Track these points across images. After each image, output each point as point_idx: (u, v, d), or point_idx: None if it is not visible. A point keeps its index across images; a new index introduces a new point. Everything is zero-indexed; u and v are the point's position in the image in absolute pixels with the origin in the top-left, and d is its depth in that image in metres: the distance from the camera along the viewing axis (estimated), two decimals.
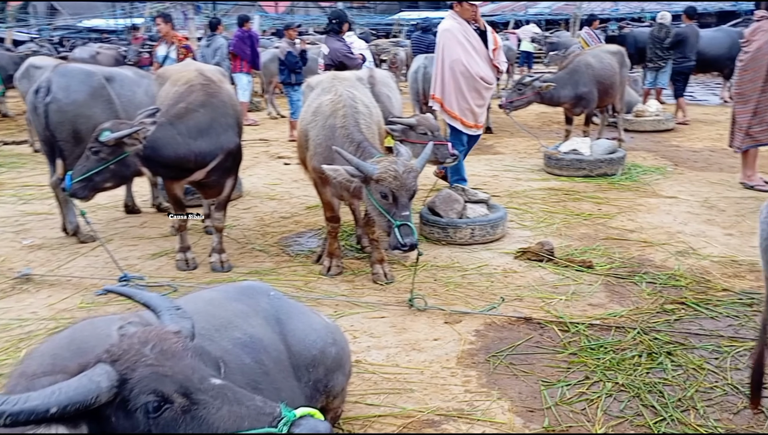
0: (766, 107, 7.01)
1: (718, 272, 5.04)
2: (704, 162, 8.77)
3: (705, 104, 14.26)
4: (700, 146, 9.79)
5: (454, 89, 6.61)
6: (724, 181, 7.66)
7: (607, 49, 9.83)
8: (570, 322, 4.29)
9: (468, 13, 6.61)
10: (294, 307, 2.95)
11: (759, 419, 3.21)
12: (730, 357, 3.79)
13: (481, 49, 6.63)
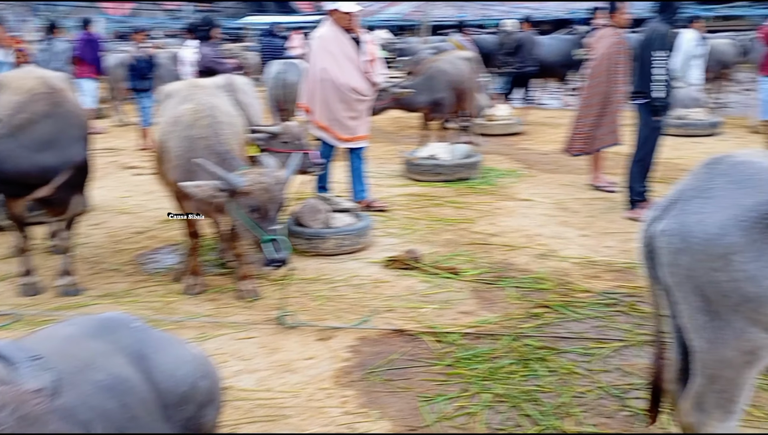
0: (610, 111, 7.43)
1: (577, 273, 5.21)
2: (554, 164, 9.18)
3: (549, 108, 15.05)
4: (548, 149, 10.25)
5: (320, 99, 6.43)
6: (574, 183, 8.03)
7: (460, 55, 10.05)
8: (443, 332, 4.24)
9: (344, 21, 6.44)
10: (160, 339, 2.62)
11: (630, 422, 3.30)
12: (599, 359, 3.88)
13: (354, 59, 6.48)
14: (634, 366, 3.79)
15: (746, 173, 2.28)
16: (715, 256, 2.21)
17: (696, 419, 2.43)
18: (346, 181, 7.05)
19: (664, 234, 2.37)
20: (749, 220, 2.18)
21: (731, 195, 2.25)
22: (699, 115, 11.14)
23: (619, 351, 3.99)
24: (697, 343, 2.37)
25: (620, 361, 3.87)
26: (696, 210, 2.29)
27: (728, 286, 2.21)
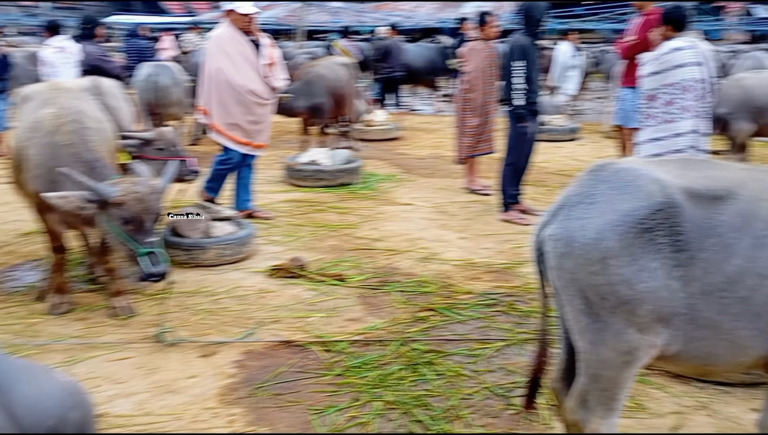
0: (488, 120, 7.68)
1: (459, 275, 5.29)
2: (431, 168, 9.33)
3: (423, 113, 15.33)
4: (424, 154, 10.42)
5: (217, 101, 6.14)
6: (450, 187, 8.18)
7: (337, 60, 10.02)
8: (332, 340, 4.16)
9: (241, 23, 6.17)
10: (21, 369, 2.34)
11: (516, 420, 3.35)
12: (483, 360, 3.94)
13: (253, 61, 6.23)
14: (516, 364, 3.88)
15: (625, 180, 2.36)
16: (594, 260, 2.28)
17: (580, 416, 2.50)
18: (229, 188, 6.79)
19: (551, 238, 2.42)
20: (625, 226, 2.26)
21: (611, 201, 2.32)
22: (560, 122, 11.73)
23: (502, 350, 4.07)
24: (580, 344, 2.44)
25: (503, 360, 3.95)
26: (579, 215, 2.35)
27: (606, 289, 2.28)
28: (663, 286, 2.27)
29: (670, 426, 3.29)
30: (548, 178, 8.72)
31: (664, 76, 5.94)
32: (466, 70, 7.73)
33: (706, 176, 2.43)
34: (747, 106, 7.68)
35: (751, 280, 2.30)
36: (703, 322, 2.34)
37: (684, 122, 5.96)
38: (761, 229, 2.31)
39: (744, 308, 2.32)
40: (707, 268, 2.29)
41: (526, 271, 5.36)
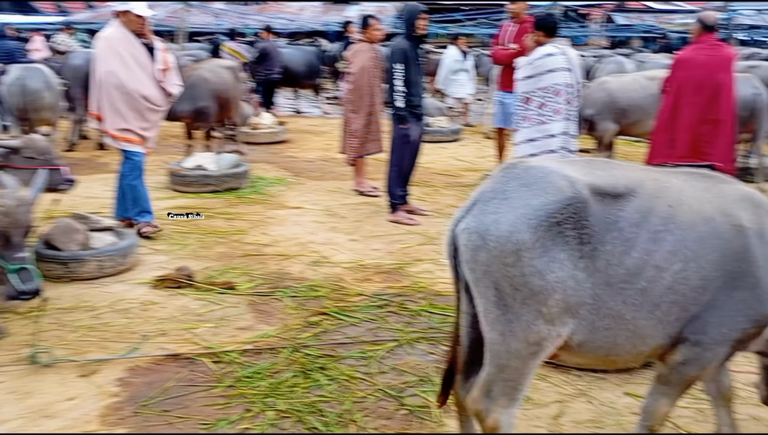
0: (373, 121, 7.71)
1: (350, 278, 5.26)
2: (319, 171, 9.26)
3: (310, 116, 15.22)
4: (313, 156, 10.33)
5: (109, 105, 5.74)
6: (339, 189, 8.15)
7: (221, 63, 9.73)
8: (221, 351, 4.01)
9: (134, 24, 5.78)
10: None
11: (408, 420, 3.36)
12: (376, 361, 3.92)
13: (147, 65, 5.85)
14: (407, 364, 3.89)
15: (536, 176, 2.44)
16: (508, 252, 2.33)
17: (484, 406, 2.51)
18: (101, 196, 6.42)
19: (465, 232, 2.44)
20: (537, 219, 2.33)
21: (523, 196, 2.39)
22: (442, 123, 11.99)
23: (393, 351, 4.07)
24: (490, 335, 2.46)
25: (395, 360, 3.95)
26: (493, 210, 2.40)
27: (519, 281, 2.34)
28: (570, 276, 2.35)
29: (552, 415, 3.40)
30: (433, 178, 8.88)
31: (537, 80, 6.19)
32: (350, 72, 7.73)
33: (609, 175, 2.54)
34: (611, 108, 8.13)
35: (649, 272, 2.43)
36: (607, 312, 2.44)
37: (556, 124, 6.23)
38: (657, 225, 2.46)
39: (643, 299, 2.45)
40: (609, 260, 2.40)
41: (415, 271, 5.42)
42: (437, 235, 6.35)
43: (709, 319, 2.53)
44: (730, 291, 2.53)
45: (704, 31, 6.46)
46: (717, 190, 2.66)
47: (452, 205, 7.51)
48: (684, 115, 6.34)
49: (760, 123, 8.01)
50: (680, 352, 2.58)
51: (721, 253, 2.50)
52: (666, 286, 2.46)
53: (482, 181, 7.72)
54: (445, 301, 4.78)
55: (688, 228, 2.49)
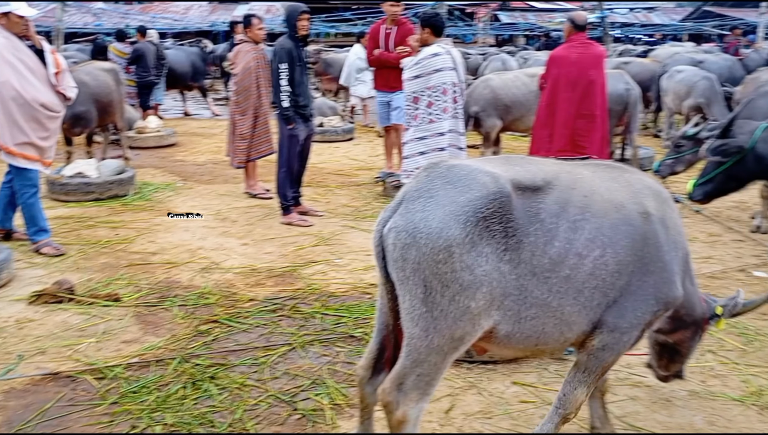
0: (262, 122, 7.61)
1: (241, 283, 5.17)
2: (210, 175, 9.05)
3: (199, 118, 14.83)
4: (203, 159, 10.08)
5: (5, 119, 5.28)
6: (231, 192, 7.99)
7: (100, 65, 9.29)
8: (105, 366, 3.84)
9: (17, 27, 5.31)
10: None
11: (302, 424, 3.34)
12: (268, 367, 3.88)
13: (39, 70, 5.41)
14: (300, 368, 3.87)
15: (460, 175, 2.47)
16: (439, 249, 2.34)
17: (394, 398, 2.50)
18: None
19: (393, 231, 2.44)
20: (465, 215, 2.36)
21: (449, 194, 2.42)
22: (335, 123, 12.00)
23: (286, 355, 4.04)
24: (412, 331, 2.44)
25: (288, 365, 3.92)
26: (420, 208, 2.42)
27: (449, 277, 2.35)
28: (496, 268, 2.40)
29: (444, 409, 3.48)
30: (327, 178, 8.88)
31: (425, 80, 6.32)
32: (234, 73, 7.60)
33: (527, 170, 2.62)
34: (494, 105, 8.42)
35: (571, 259, 2.53)
36: (533, 302, 2.50)
37: (445, 122, 6.39)
38: (575, 214, 2.56)
39: (568, 286, 2.54)
40: (534, 251, 2.47)
41: (309, 273, 5.40)
42: (331, 236, 6.37)
43: (625, 304, 2.67)
44: (642, 276, 2.67)
45: (575, 30, 6.80)
46: (623, 179, 2.81)
47: (346, 205, 7.55)
48: (560, 110, 6.65)
49: (633, 117, 8.53)
50: (599, 338, 2.69)
51: (632, 238, 2.64)
52: (588, 272, 2.56)
53: (375, 181, 7.76)
54: (339, 302, 4.80)
55: (602, 215, 2.60)
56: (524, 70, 10.05)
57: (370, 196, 7.99)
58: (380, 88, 8.40)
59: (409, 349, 2.47)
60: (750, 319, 4.53)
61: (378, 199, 7.84)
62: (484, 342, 2.60)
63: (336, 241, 6.21)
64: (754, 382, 3.72)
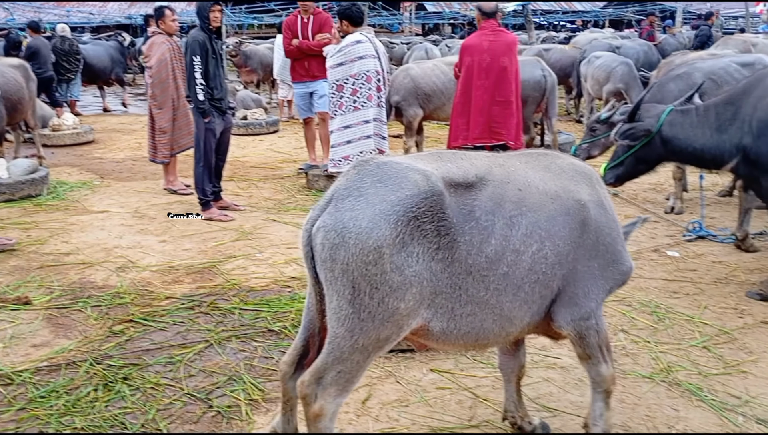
0: (181, 115, 7.44)
1: (159, 281, 5.05)
2: (129, 172, 8.80)
3: (119, 114, 14.39)
4: (122, 156, 9.79)
5: None
6: (150, 189, 7.79)
7: (8, 61, 8.87)
8: (12, 372, 3.69)
9: None
10: None
11: (217, 421, 3.29)
12: (183, 365, 3.80)
13: None
14: (216, 365, 3.81)
15: (390, 172, 2.38)
16: (369, 250, 2.26)
17: (312, 391, 2.45)
18: None
19: (322, 231, 2.35)
20: (395, 214, 2.28)
21: (378, 192, 2.33)
22: (259, 115, 11.84)
23: (203, 352, 3.97)
24: (337, 331, 2.38)
25: (204, 362, 3.86)
26: (350, 207, 2.32)
27: (379, 279, 2.28)
28: (426, 268, 2.33)
29: (361, 399, 3.48)
30: (250, 171, 8.76)
31: (348, 67, 6.31)
32: (149, 66, 7.39)
33: (458, 166, 2.54)
34: (415, 94, 8.46)
35: (509, 256, 2.48)
36: (469, 299, 2.45)
37: (369, 110, 6.39)
38: (511, 210, 2.50)
39: (506, 283, 2.49)
40: (469, 250, 2.40)
41: (228, 268, 5.32)
42: (252, 230, 6.29)
43: (577, 292, 2.69)
44: (587, 262, 2.69)
45: (485, 18, 6.87)
46: (556, 166, 2.79)
47: (269, 198, 7.47)
48: (475, 98, 6.71)
49: (552, 102, 8.73)
50: (573, 332, 2.73)
51: (570, 228, 2.64)
52: (527, 267, 2.54)
53: (297, 173, 7.69)
54: (259, 297, 4.75)
55: (538, 209, 2.56)
56: (443, 58, 10.12)
57: (294, 188, 7.93)
58: (299, 79, 8.33)
59: (332, 347, 2.41)
60: (661, 298, 4.72)
61: (301, 191, 7.80)
62: (421, 338, 2.57)
63: (257, 235, 6.14)
64: (663, 359, 3.86)
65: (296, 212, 6.90)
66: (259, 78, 14.87)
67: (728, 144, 4.68)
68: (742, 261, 5.49)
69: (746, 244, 5.74)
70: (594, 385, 2.90)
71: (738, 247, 5.78)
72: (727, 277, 5.13)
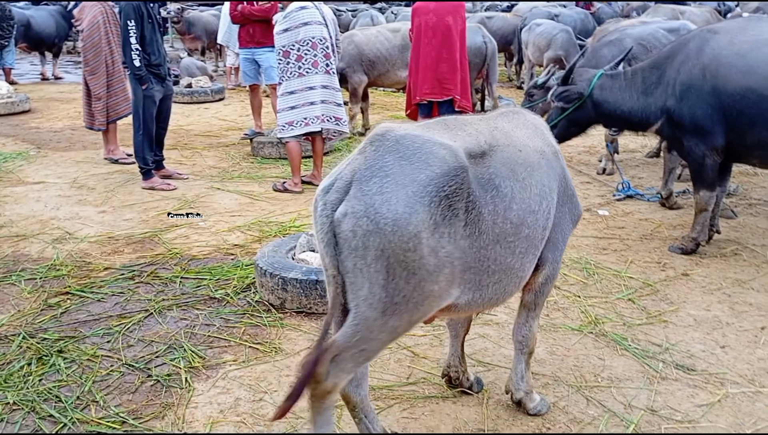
0: (116, 81, 7.16)
1: (97, 252, 4.90)
2: (67, 141, 8.47)
3: (59, 83, 13.81)
4: (60, 126, 9.41)
5: None
6: (89, 159, 7.53)
7: None
8: None
9: None
10: None
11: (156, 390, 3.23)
12: (121, 336, 3.71)
13: None
14: (156, 334, 3.73)
15: (412, 148, 2.19)
16: (408, 236, 2.09)
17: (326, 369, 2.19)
18: None
19: (349, 217, 2.12)
20: (428, 196, 2.12)
21: (406, 171, 2.14)
22: (204, 83, 11.53)
23: (142, 322, 3.87)
24: (368, 314, 2.17)
25: (143, 332, 3.76)
26: (377, 190, 2.11)
27: (417, 264, 2.12)
28: (457, 247, 2.21)
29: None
30: (194, 139, 8.54)
31: (294, 34, 6.13)
32: (81, 29, 7.07)
33: (469, 135, 2.41)
34: (359, 60, 8.36)
35: (529, 218, 2.46)
36: (497, 268, 2.38)
37: (314, 76, 6.25)
38: (521, 173, 2.46)
39: (528, 244, 2.49)
40: (495, 219, 2.32)
41: (170, 237, 5.20)
42: (196, 199, 6.15)
43: (556, 236, 2.73)
44: (561, 207, 2.73)
45: None
46: (530, 124, 2.76)
47: (213, 166, 7.31)
48: (424, 55, 6.68)
49: (492, 69, 8.75)
50: (542, 274, 2.75)
51: (557, 179, 2.68)
52: (542, 226, 2.53)
53: (242, 139, 7.45)
54: (201, 265, 4.66)
55: (537, 166, 2.55)
56: (387, 25, 10.01)
57: (239, 156, 7.78)
58: (245, 45, 8.12)
59: (358, 329, 2.18)
60: (592, 254, 4.83)
61: (246, 159, 7.65)
62: (445, 313, 2.44)
63: (201, 204, 6.01)
64: (591, 312, 3.96)
65: (240, 180, 6.77)
66: (203, 45, 14.46)
67: (653, 107, 4.76)
68: (666, 218, 5.65)
69: (670, 202, 5.91)
70: (519, 346, 2.94)
71: (663, 204, 5.95)
72: (652, 234, 5.28)
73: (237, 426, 2.90)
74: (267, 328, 3.80)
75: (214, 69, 14.26)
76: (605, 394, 3.14)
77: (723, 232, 5.18)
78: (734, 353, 3.50)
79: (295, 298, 3.94)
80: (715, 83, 4.44)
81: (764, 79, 4.26)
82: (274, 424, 2.69)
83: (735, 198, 6.13)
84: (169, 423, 2.93)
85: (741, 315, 3.91)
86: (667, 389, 3.18)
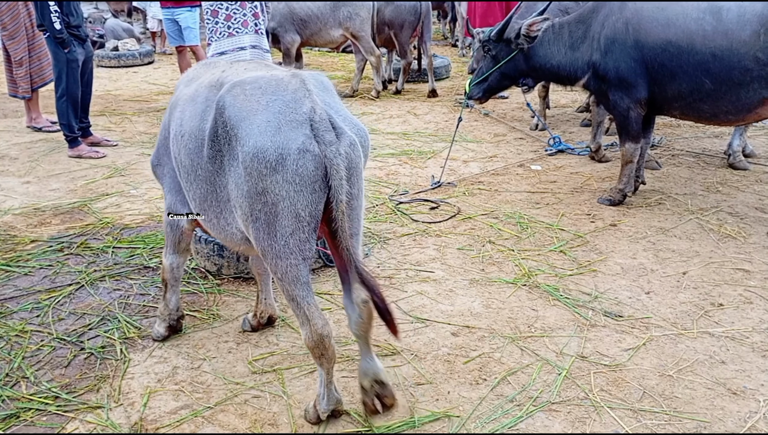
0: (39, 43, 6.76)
1: (23, 224, 4.67)
2: None
3: None
4: None
5: None
6: (10, 128, 7.14)
7: None
8: None
9: None
10: None
11: (90, 363, 3.12)
12: (51, 309, 3.56)
13: None
14: (89, 306, 3.60)
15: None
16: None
17: None
18: None
19: (355, 146, 2.37)
20: None
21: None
22: (131, 46, 11.04)
23: (73, 295, 3.73)
24: (362, 224, 2.53)
25: (75, 304, 3.62)
26: (347, 118, 2.46)
27: None
28: None
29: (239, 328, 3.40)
30: (123, 105, 8.19)
31: None
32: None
33: None
34: (291, 19, 8.12)
35: None
36: None
37: (244, 36, 6.01)
38: None
39: None
40: None
41: (101, 207, 5.00)
42: (126, 166, 5.92)
43: None
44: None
45: None
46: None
47: (144, 132, 7.04)
48: None
49: (427, 27, 8.66)
50: None
51: None
52: None
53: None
54: (134, 234, 4.50)
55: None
56: None
57: None
58: (164, 5, 7.76)
59: (358, 239, 2.51)
60: (525, 209, 4.88)
61: None
62: None
63: (132, 171, 5.79)
64: (525, 265, 4.02)
65: None
66: (129, 6, 13.80)
67: (580, 61, 4.80)
68: (596, 171, 5.77)
69: (599, 155, 6.02)
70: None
71: (592, 158, 6.06)
72: (582, 187, 5.38)
73: (175, 394, 2.84)
74: (204, 294, 3.71)
75: (142, 31, 13.66)
76: (538, 343, 3.21)
77: (648, 183, 5.33)
78: (658, 298, 3.62)
79: (232, 263, 3.86)
80: (638, 37, 4.49)
81: (683, 32, 4.33)
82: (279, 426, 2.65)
83: (659, 149, 6.30)
84: (104, 395, 2.84)
85: (665, 262, 4.05)
86: (597, 335, 3.27)
